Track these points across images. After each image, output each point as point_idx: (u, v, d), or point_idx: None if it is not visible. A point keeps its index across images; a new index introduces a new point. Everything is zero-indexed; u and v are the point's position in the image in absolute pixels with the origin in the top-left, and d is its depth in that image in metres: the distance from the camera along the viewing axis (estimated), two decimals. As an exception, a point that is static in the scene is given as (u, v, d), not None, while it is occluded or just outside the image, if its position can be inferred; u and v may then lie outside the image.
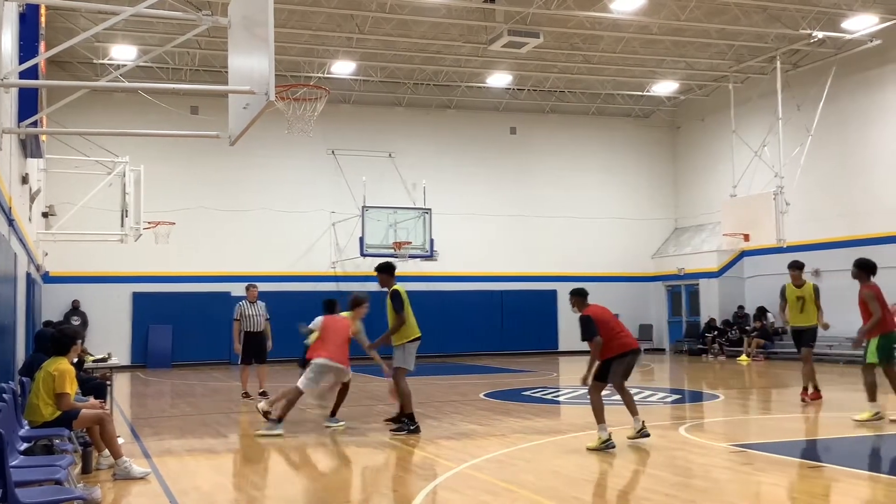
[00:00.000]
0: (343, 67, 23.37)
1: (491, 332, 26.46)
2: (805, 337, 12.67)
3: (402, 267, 23.70)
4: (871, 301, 10.38)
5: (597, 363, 9.03)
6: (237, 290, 20.42)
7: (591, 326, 8.93)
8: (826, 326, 12.59)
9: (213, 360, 23.33)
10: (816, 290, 12.58)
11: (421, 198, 24.49)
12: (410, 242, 23.66)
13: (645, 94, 26.41)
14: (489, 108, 27.28)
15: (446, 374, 19.51)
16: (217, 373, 20.90)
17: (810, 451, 9.33)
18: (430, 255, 23.96)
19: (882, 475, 7.45)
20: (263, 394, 14.31)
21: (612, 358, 9.07)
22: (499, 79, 24.79)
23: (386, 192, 25.02)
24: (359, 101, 25.98)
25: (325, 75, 23.28)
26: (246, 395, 14.34)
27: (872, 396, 10.48)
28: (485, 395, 14.44)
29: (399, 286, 10.49)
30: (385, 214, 23.81)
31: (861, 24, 20.07)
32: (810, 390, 12.57)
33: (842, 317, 14.38)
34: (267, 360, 14.72)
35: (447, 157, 27.01)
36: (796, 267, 12.72)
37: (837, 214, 22.32)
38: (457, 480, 7.60)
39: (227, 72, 8.06)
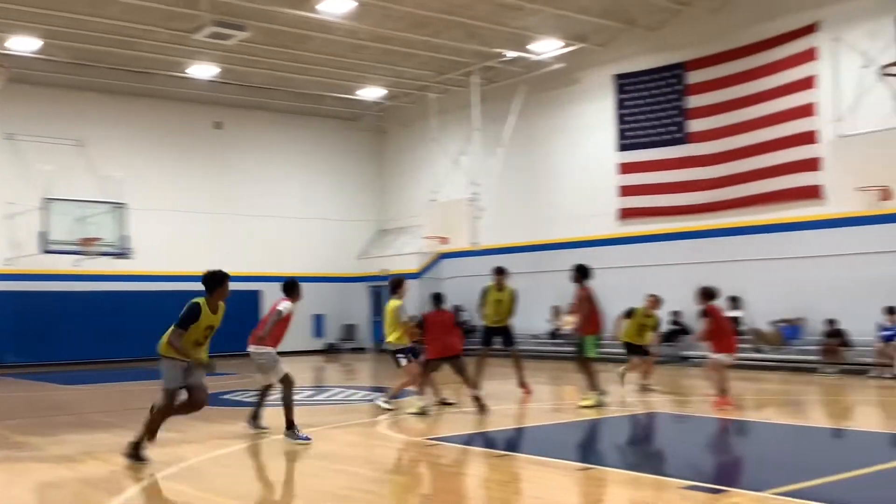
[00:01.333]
0: (23, 44, 21.05)
1: (190, 333, 25.33)
2: (504, 335, 13.78)
3: (91, 265, 22.11)
4: (582, 302, 11.77)
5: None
6: None
7: (421, 324, 11.47)
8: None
9: None
10: (514, 295, 13.65)
11: (115, 191, 22.82)
12: (101, 239, 21.96)
13: (353, 97, 26.82)
14: (192, 100, 26.13)
15: (141, 378, 18.38)
16: None
17: (498, 440, 9.96)
18: (124, 253, 22.41)
19: (563, 461, 8.13)
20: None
21: (429, 359, 11.41)
22: (203, 70, 23.79)
23: (75, 184, 22.96)
24: (43, 83, 23.59)
25: (2, 51, 20.85)
26: None
27: (593, 384, 11.71)
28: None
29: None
30: (72, 208, 21.87)
31: (547, 47, 21.95)
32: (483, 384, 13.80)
33: (526, 315, 15.58)
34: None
35: (146, 148, 25.47)
36: (499, 272, 13.71)
37: (524, 221, 24.23)
38: (148, 493, 7.13)
39: None
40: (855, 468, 7.45)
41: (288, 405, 9.39)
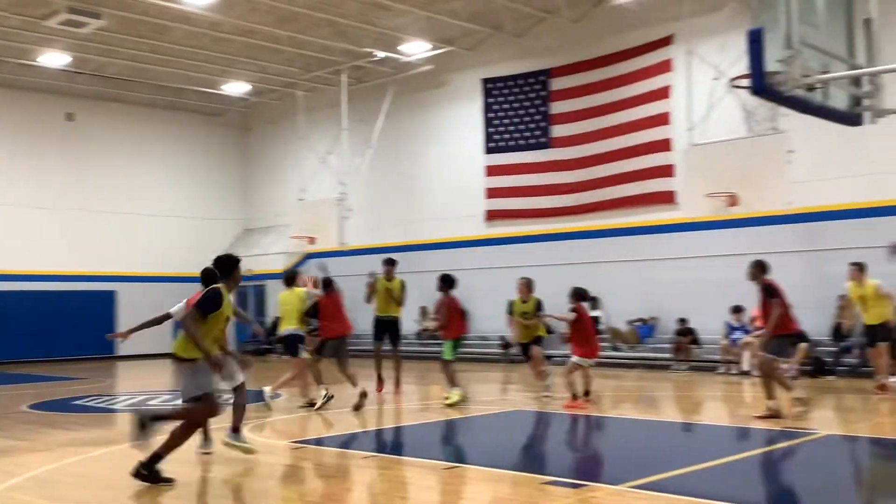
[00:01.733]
0: None
1: (39, 336, 23.94)
2: (392, 331, 13.99)
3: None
4: (443, 309, 12.36)
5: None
6: None
7: (314, 309, 12.03)
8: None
9: None
10: (404, 285, 14.00)
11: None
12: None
13: (216, 92, 26.04)
14: (42, 90, 24.65)
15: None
16: None
17: (365, 442, 9.90)
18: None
19: (429, 460, 8.16)
20: None
21: (324, 340, 12.13)
22: (55, 58, 22.49)
23: None
24: None
25: None
26: None
27: (454, 383, 12.09)
28: (29, 407, 12.97)
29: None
30: None
31: (416, 48, 22.05)
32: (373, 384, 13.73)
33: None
34: None
35: (-10, 140, 23.90)
36: (390, 263, 14.10)
37: (393, 221, 24.24)
38: (-13, 506, 6.65)
39: None
40: (705, 460, 7.84)
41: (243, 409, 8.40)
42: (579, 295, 12.24)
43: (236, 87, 25.88)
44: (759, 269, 10.61)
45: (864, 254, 15.90)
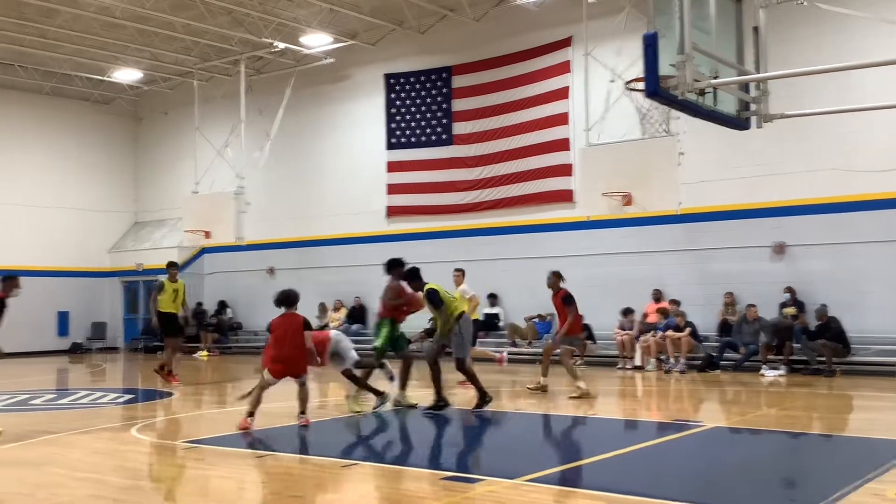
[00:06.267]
0: None
1: None
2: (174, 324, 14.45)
3: None
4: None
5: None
6: None
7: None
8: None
9: None
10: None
11: None
12: None
13: (106, 79, 25.05)
14: (-85, 72, 23.25)
15: None
16: None
17: (259, 441, 9.68)
18: None
19: (327, 458, 8.06)
20: None
21: None
22: (-70, 39, 21.22)
23: None
24: None
25: None
26: None
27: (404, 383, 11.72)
28: None
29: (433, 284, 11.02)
30: None
31: (317, 41, 21.76)
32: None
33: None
34: None
35: None
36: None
37: (290, 216, 23.87)
38: None
39: None
40: (599, 453, 8.01)
41: None
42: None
43: (127, 75, 24.98)
44: (557, 279, 12.36)
45: (745, 253, 16.67)
